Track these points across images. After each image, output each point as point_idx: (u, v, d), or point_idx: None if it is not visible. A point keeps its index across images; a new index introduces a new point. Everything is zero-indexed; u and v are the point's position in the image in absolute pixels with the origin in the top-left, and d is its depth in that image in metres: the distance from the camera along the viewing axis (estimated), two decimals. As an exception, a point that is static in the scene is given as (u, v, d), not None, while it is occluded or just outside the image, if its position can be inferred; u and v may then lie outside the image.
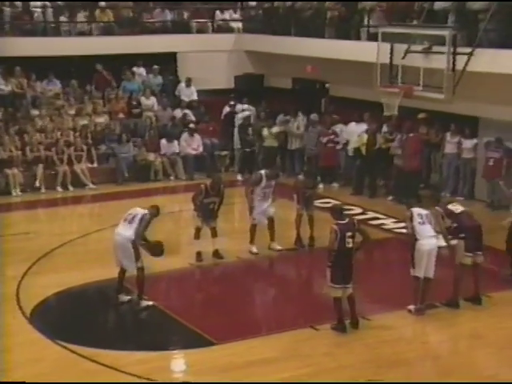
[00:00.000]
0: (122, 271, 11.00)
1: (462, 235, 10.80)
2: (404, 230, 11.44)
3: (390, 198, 16.73)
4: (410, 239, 10.62)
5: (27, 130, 18.35)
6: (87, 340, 9.83)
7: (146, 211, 10.89)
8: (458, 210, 11.05)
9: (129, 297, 11.06)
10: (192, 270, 12.77)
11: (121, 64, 20.72)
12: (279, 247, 13.35)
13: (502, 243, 13.59)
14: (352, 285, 10.03)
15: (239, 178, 18.71)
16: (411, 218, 10.62)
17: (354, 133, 17.63)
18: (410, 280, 10.66)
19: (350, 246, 9.96)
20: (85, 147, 18.34)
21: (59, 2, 21.40)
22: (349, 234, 9.95)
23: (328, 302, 10.28)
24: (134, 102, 20.26)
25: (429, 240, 10.53)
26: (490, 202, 16.03)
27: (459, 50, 14.42)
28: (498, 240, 13.82)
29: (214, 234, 12.97)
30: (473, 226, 10.97)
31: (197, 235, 12.89)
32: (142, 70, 21.08)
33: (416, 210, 10.72)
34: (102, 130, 19.16)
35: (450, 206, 11.12)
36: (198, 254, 12.87)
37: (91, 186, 17.97)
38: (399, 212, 12.29)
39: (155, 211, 11.08)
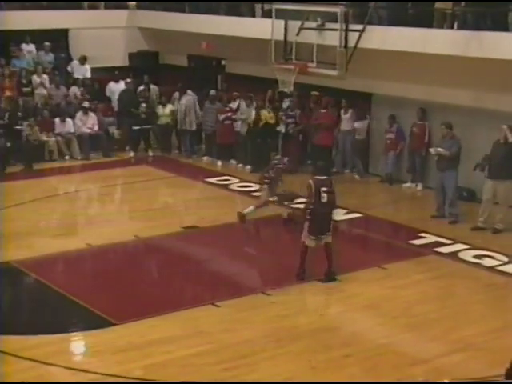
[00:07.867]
0: None
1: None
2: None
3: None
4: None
5: None
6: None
7: None
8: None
9: None
10: (89, 251, 12.56)
11: (9, 40, 20.04)
12: None
13: (395, 216, 14.09)
14: (330, 234, 10.82)
15: (131, 155, 18.64)
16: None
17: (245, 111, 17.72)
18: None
19: (325, 200, 10.68)
20: (-27, 127, 17.70)
21: None
22: (324, 189, 10.69)
23: (227, 278, 10.33)
24: (25, 81, 19.66)
25: None
26: (383, 176, 16.44)
27: (351, 26, 14.69)
28: (392, 213, 14.34)
29: None
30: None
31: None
32: (31, 47, 20.45)
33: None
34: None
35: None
36: None
37: (-19, 167, 17.35)
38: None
39: None
